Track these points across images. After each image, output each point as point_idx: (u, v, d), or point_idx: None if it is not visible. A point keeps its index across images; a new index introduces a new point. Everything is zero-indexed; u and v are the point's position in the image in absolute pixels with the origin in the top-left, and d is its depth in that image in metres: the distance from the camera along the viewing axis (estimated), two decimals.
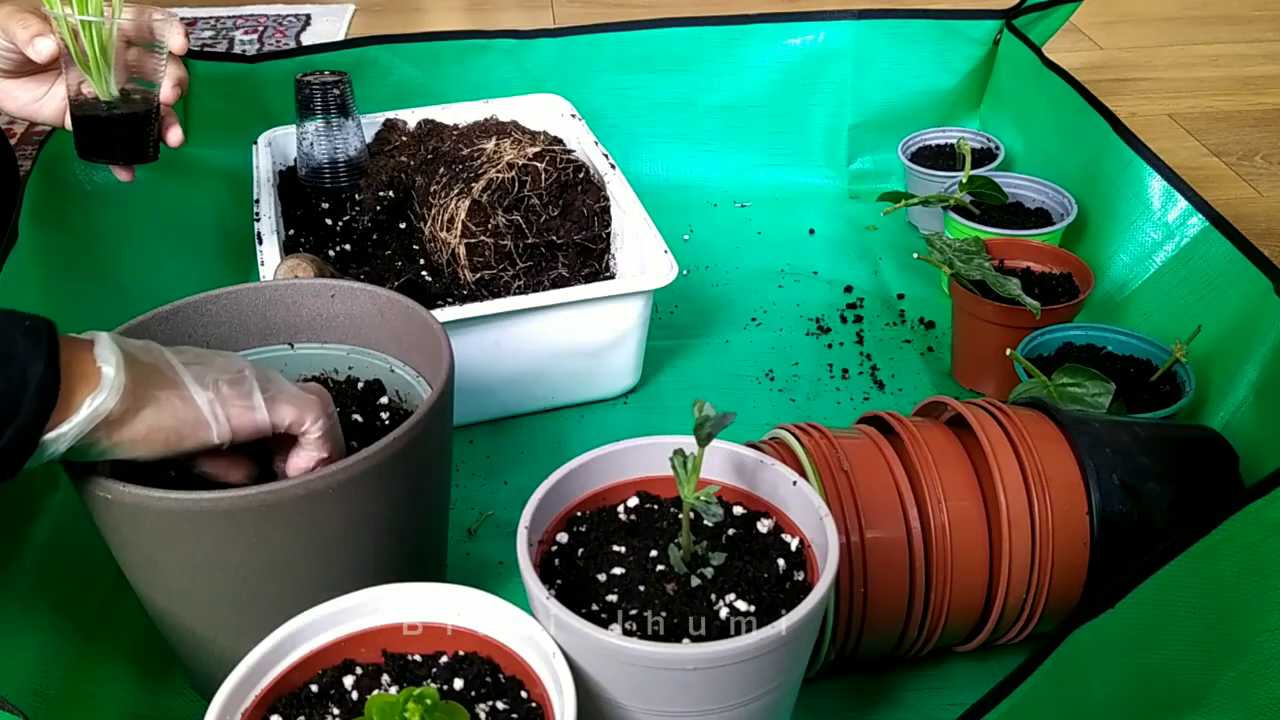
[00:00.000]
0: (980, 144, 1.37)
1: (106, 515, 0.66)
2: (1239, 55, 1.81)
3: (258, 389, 0.66)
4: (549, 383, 1.03)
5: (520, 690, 0.61)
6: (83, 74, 0.82)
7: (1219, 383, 0.95)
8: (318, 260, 0.96)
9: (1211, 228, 1.03)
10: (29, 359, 0.57)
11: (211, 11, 2.03)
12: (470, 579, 0.72)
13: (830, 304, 1.22)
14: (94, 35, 0.80)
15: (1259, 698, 0.55)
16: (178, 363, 0.65)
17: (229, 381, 0.65)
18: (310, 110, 1.15)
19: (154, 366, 0.63)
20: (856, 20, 1.41)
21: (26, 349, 0.57)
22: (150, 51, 0.84)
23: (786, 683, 0.63)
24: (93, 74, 0.82)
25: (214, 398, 0.64)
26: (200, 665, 0.74)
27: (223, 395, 0.64)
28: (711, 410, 0.61)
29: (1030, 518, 0.74)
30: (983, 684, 0.78)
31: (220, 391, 0.64)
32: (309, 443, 0.69)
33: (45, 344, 0.58)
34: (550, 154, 1.09)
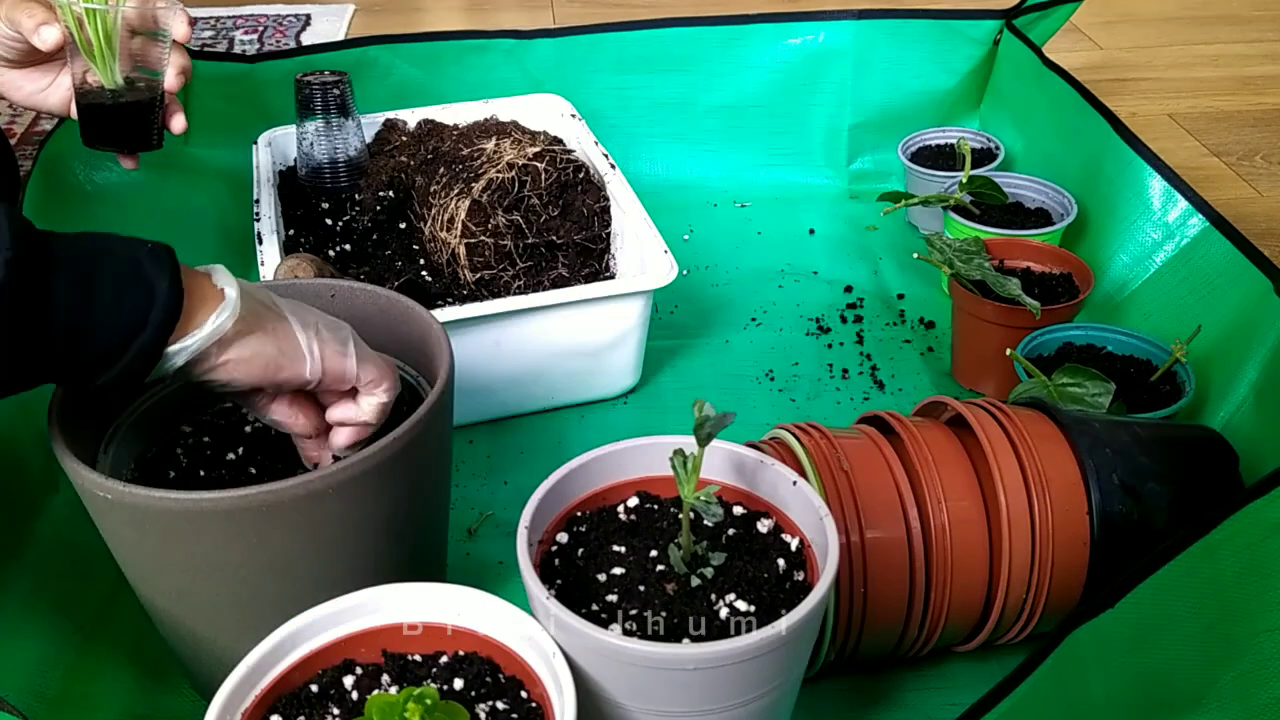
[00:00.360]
0: (980, 144, 1.37)
1: (107, 515, 0.66)
2: (1239, 55, 1.81)
3: (351, 340, 0.70)
4: (549, 383, 1.03)
5: (520, 690, 0.61)
6: (87, 62, 0.82)
7: (1219, 383, 0.95)
8: (318, 260, 0.96)
9: (1211, 228, 1.03)
10: (156, 277, 0.60)
11: (211, 11, 2.03)
12: (470, 579, 0.72)
13: (830, 304, 1.22)
14: (99, 23, 0.81)
15: (1259, 698, 0.55)
16: (283, 301, 0.69)
17: (327, 326, 0.69)
18: (310, 110, 1.15)
19: (263, 300, 0.67)
20: (856, 20, 1.41)
21: (152, 269, 0.60)
22: (154, 40, 0.84)
23: (786, 683, 0.63)
24: (97, 62, 0.82)
25: (314, 336, 0.68)
26: (200, 665, 0.74)
27: (321, 337, 0.68)
28: (711, 410, 0.61)
29: (1030, 518, 0.74)
30: (983, 684, 0.78)
31: (320, 334, 0.68)
32: (370, 405, 0.71)
33: (169, 265, 0.61)
34: (550, 154, 1.09)
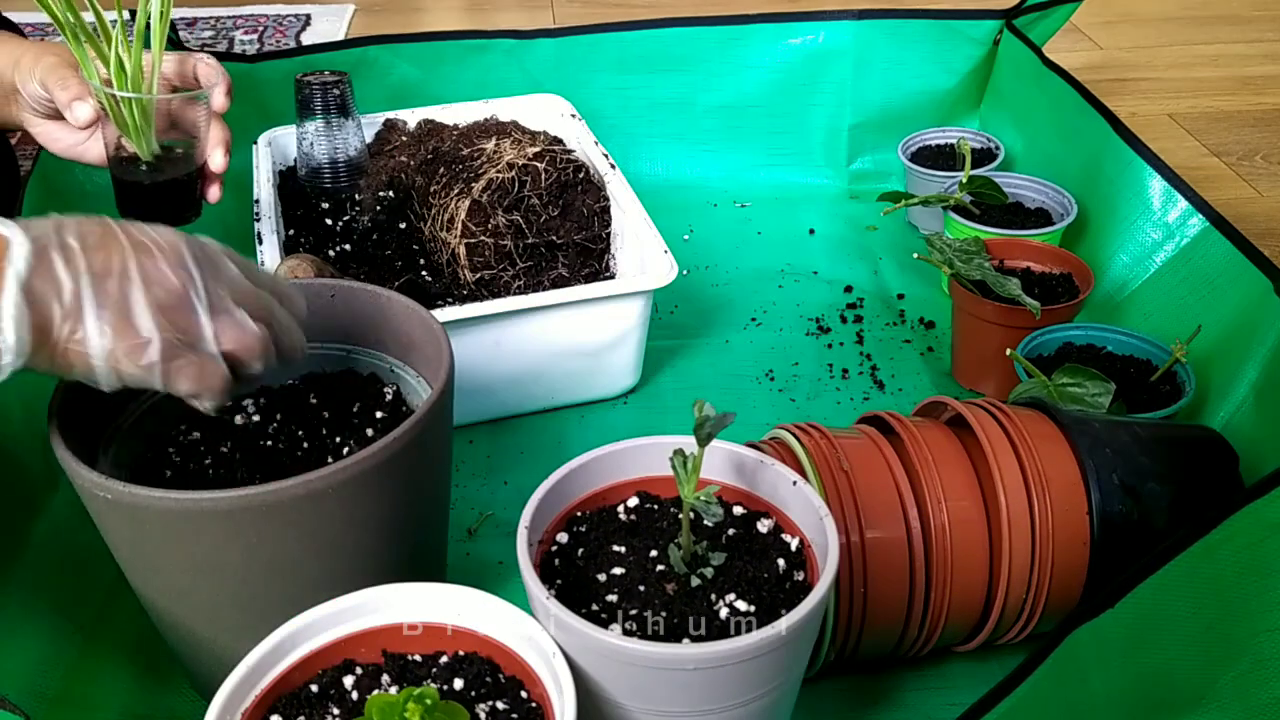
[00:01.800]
0: (980, 144, 1.37)
1: (107, 515, 0.66)
2: (1239, 55, 1.81)
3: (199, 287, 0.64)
4: (549, 383, 1.03)
5: (520, 690, 0.61)
6: (121, 132, 0.81)
7: (1219, 383, 0.95)
8: (318, 260, 0.96)
9: (1211, 228, 1.03)
10: None
11: (211, 11, 2.03)
12: (470, 579, 0.72)
13: (830, 304, 1.22)
14: (134, 106, 0.79)
15: (1259, 698, 0.55)
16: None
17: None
18: (310, 110, 1.15)
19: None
20: (856, 20, 1.41)
21: None
22: (193, 101, 0.83)
23: (786, 683, 0.63)
24: (132, 136, 0.81)
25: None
26: (200, 665, 0.74)
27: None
28: (711, 410, 0.61)
29: (1030, 518, 0.74)
30: (983, 684, 0.78)
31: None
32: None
33: None
34: (550, 154, 1.09)
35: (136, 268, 0.61)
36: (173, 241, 0.63)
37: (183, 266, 0.62)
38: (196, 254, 0.63)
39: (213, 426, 0.79)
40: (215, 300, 0.64)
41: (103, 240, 0.61)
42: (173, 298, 0.62)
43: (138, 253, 0.61)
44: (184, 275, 0.62)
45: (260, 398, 0.81)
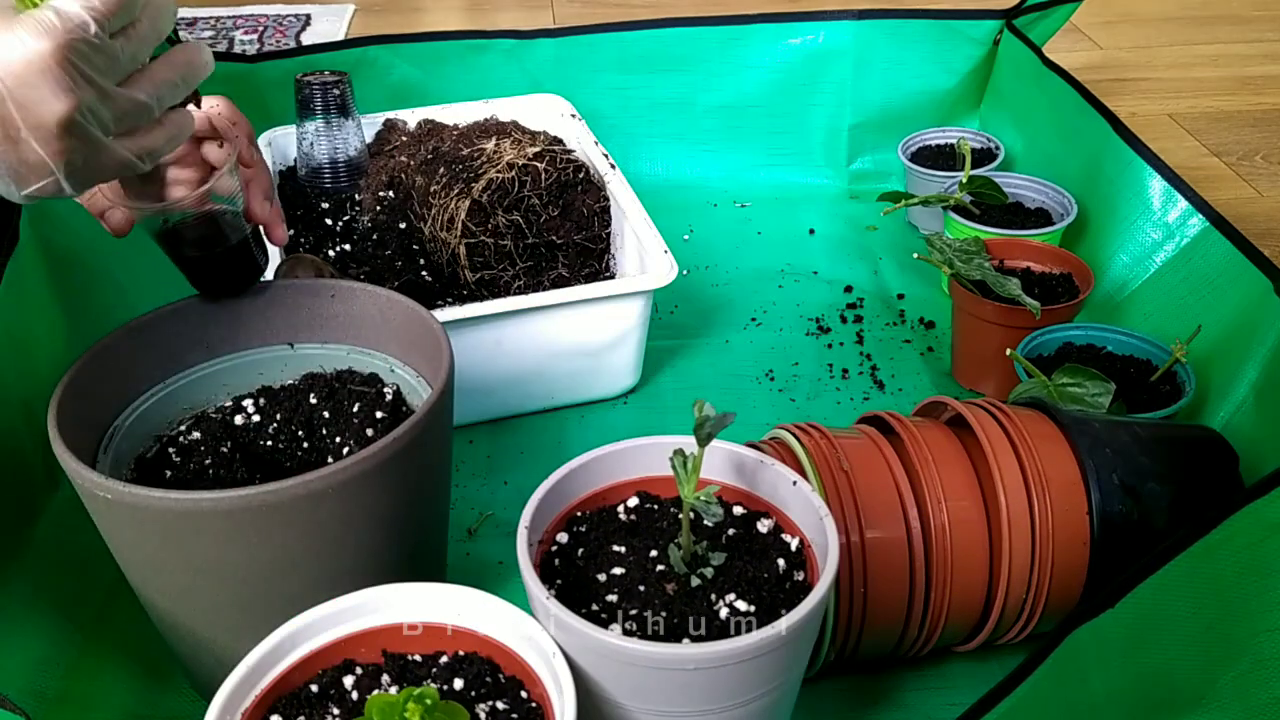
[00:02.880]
0: (980, 144, 1.37)
1: (106, 515, 0.66)
2: (1239, 55, 1.81)
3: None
4: (549, 383, 1.03)
5: (520, 690, 0.61)
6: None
7: (1219, 383, 0.95)
8: (318, 260, 0.96)
9: (1211, 228, 1.03)
10: None
11: (211, 11, 2.03)
12: (470, 579, 0.72)
13: (830, 304, 1.22)
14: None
15: (1259, 698, 0.55)
16: None
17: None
18: (310, 110, 1.15)
19: None
20: (856, 20, 1.41)
21: None
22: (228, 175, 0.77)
23: (786, 683, 0.63)
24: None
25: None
26: (200, 665, 0.74)
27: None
28: (711, 410, 0.61)
29: (1030, 518, 0.74)
30: (983, 684, 0.78)
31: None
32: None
33: None
34: (550, 154, 1.09)
35: (13, 107, 0.54)
36: (41, 57, 0.54)
37: (58, 88, 0.55)
38: (68, 56, 0.55)
39: (213, 426, 0.79)
40: (97, 97, 0.57)
41: None
42: (57, 128, 0.55)
43: (10, 85, 0.54)
44: (64, 99, 0.55)
45: (260, 398, 0.81)
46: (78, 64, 0.56)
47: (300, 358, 0.84)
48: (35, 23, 0.55)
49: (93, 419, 0.74)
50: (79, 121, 0.56)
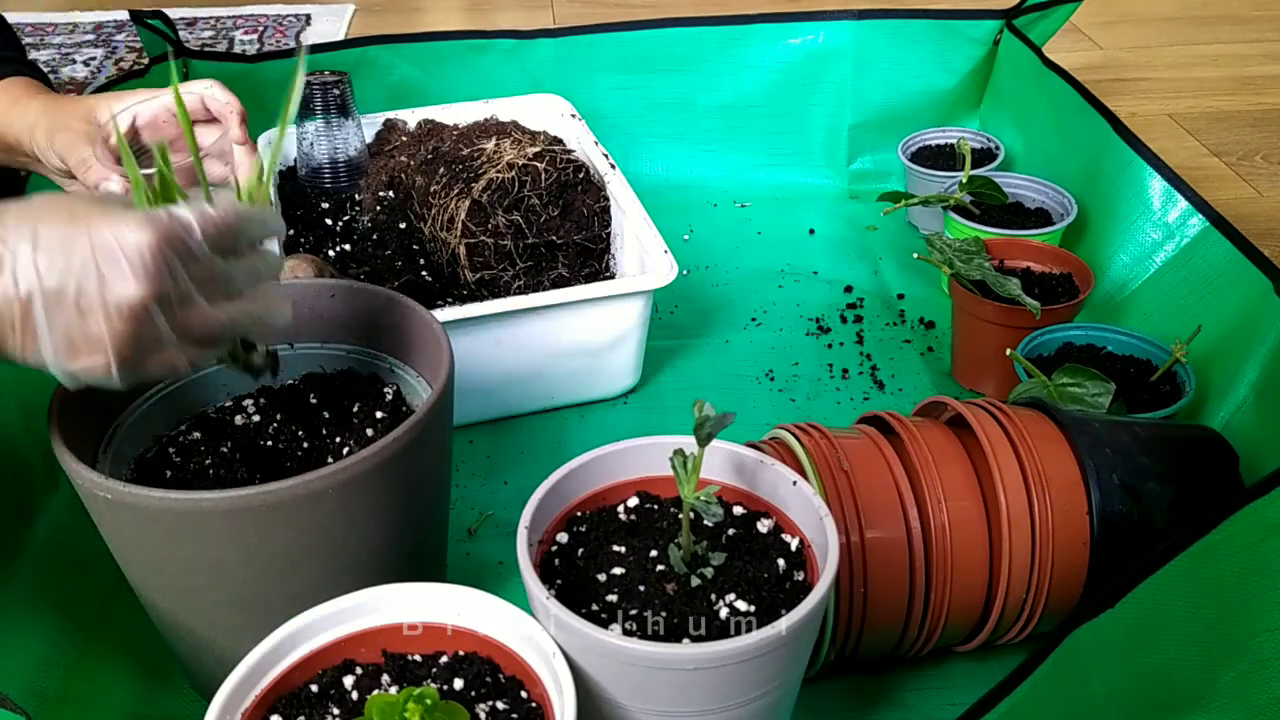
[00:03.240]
0: (980, 144, 1.37)
1: (107, 515, 0.66)
2: (1239, 55, 1.81)
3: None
4: (549, 383, 1.03)
5: (520, 690, 0.61)
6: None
7: (1219, 383, 0.95)
8: (318, 260, 0.96)
9: (1211, 228, 1.03)
10: None
11: (211, 11, 2.03)
12: (470, 579, 0.72)
13: (830, 304, 1.22)
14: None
15: (1259, 698, 0.55)
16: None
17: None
18: (310, 110, 1.15)
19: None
20: (856, 20, 1.41)
21: None
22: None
23: (786, 683, 0.63)
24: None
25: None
26: (200, 665, 0.74)
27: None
28: (711, 410, 0.61)
29: (1030, 518, 0.74)
30: (983, 684, 0.78)
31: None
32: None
33: None
34: (550, 154, 1.09)
35: (96, 281, 0.56)
36: (140, 244, 0.57)
37: (145, 275, 0.57)
38: (164, 253, 0.58)
39: (213, 426, 0.79)
40: (177, 297, 0.59)
41: (65, 244, 0.57)
42: (130, 312, 0.57)
43: (99, 259, 0.56)
44: (145, 284, 0.57)
45: (260, 398, 0.81)
46: (170, 260, 0.58)
47: (300, 358, 0.84)
48: (146, 215, 0.58)
49: (93, 419, 0.74)
50: (151, 311, 0.58)
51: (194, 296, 0.60)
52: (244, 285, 0.63)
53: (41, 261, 0.56)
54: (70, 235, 0.57)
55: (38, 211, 0.57)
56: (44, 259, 0.56)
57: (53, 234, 0.57)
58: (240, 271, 0.63)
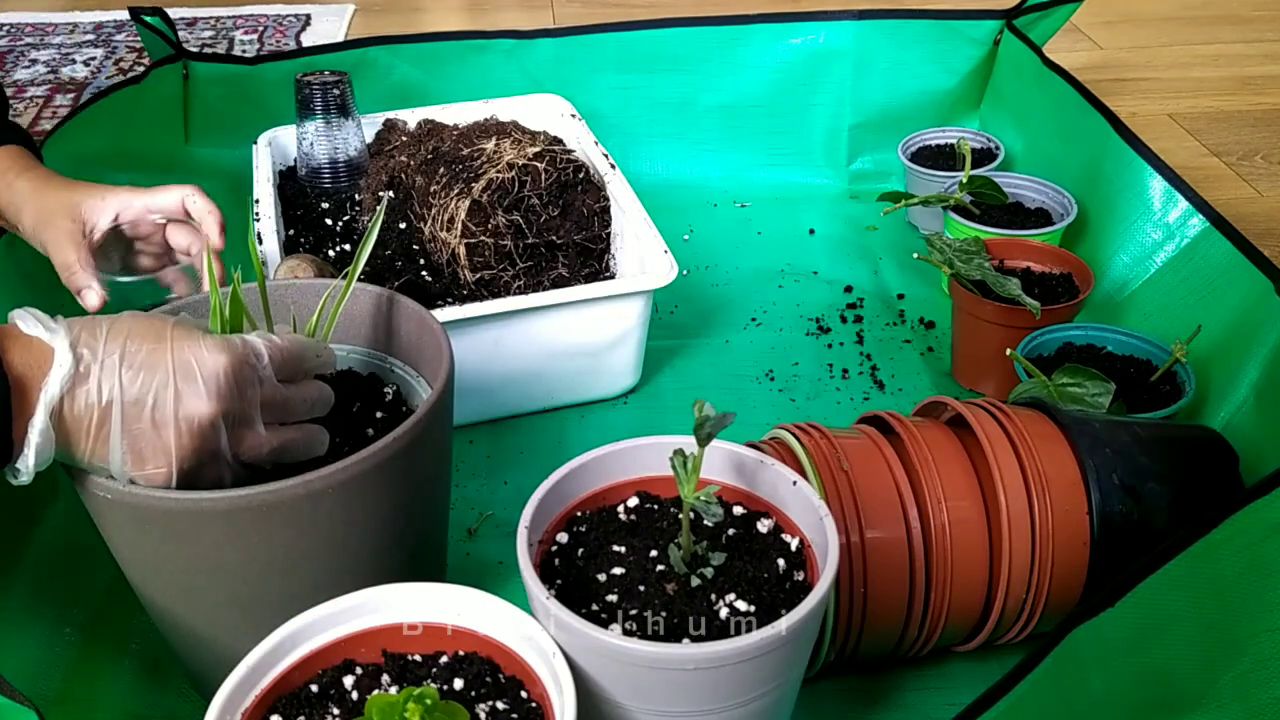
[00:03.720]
0: (980, 144, 1.37)
1: (107, 515, 0.66)
2: (1239, 55, 1.81)
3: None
4: (549, 383, 1.03)
5: (520, 690, 0.61)
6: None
7: (1219, 383, 0.95)
8: (318, 260, 0.96)
9: (1212, 228, 1.03)
10: None
11: (211, 11, 2.03)
12: (470, 579, 0.72)
13: (830, 304, 1.22)
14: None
15: (1259, 698, 0.55)
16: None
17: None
18: (310, 110, 1.15)
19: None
20: (856, 20, 1.41)
21: None
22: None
23: (786, 683, 0.63)
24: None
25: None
26: (200, 665, 0.74)
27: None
28: (711, 410, 0.61)
29: (1030, 518, 0.74)
30: (983, 684, 0.77)
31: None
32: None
33: None
34: (550, 154, 1.09)
35: (173, 396, 0.61)
36: (216, 366, 0.62)
37: (217, 394, 0.62)
38: (236, 375, 0.63)
39: None
40: (240, 418, 0.65)
41: (149, 360, 0.61)
42: (199, 427, 0.62)
43: (178, 377, 0.62)
44: (216, 403, 0.62)
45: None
46: (240, 383, 0.64)
47: None
48: (223, 339, 0.64)
49: None
50: (218, 428, 0.63)
51: (255, 418, 0.65)
52: (300, 413, 0.69)
53: (126, 375, 0.61)
54: (155, 352, 0.61)
55: (128, 326, 0.62)
56: (128, 373, 0.61)
57: (139, 350, 0.61)
58: (296, 399, 0.68)
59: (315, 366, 0.71)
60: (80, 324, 0.62)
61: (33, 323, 0.61)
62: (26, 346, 0.60)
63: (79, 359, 0.60)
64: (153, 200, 0.88)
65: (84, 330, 0.61)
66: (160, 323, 0.63)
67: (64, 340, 0.60)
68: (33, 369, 0.59)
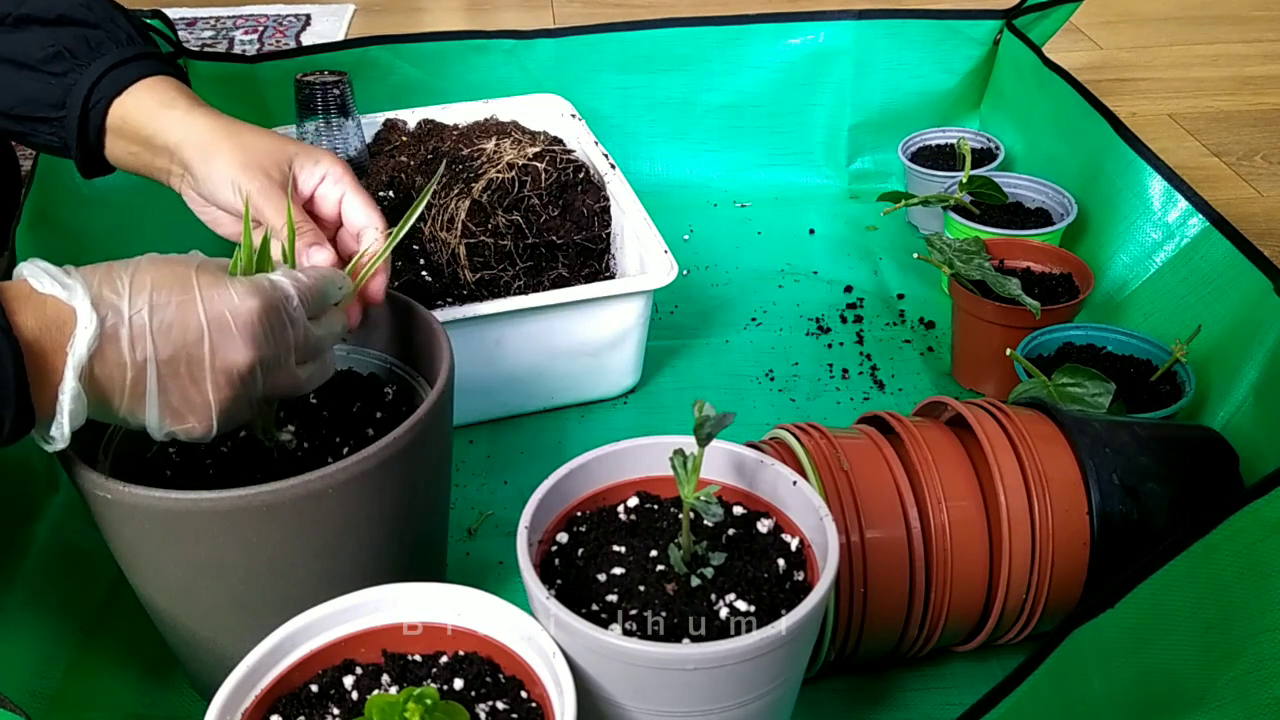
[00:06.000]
0: (980, 144, 1.37)
1: (107, 515, 0.66)
2: (1239, 55, 1.81)
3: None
4: (549, 383, 1.03)
5: (520, 690, 0.61)
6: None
7: (1219, 383, 0.95)
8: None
9: (1212, 228, 1.03)
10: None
11: (211, 11, 2.03)
12: (470, 579, 0.72)
13: (830, 304, 1.22)
14: None
15: (1259, 698, 0.55)
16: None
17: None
18: (310, 110, 1.15)
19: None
20: (856, 20, 1.41)
21: None
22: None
23: (786, 683, 0.63)
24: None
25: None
26: (200, 665, 0.74)
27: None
28: (711, 410, 0.61)
29: (1030, 518, 0.74)
30: (983, 684, 0.78)
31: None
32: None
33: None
34: (550, 154, 1.09)
35: (208, 350, 0.60)
36: (249, 312, 0.61)
37: (252, 341, 0.61)
38: (270, 320, 0.62)
39: None
40: (275, 362, 0.64)
41: (179, 314, 0.59)
42: (237, 377, 0.61)
43: (211, 330, 0.60)
44: (254, 351, 0.61)
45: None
46: (273, 326, 0.62)
47: None
48: (251, 283, 0.62)
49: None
50: (255, 375, 0.62)
51: (289, 360, 0.64)
52: (326, 347, 0.69)
53: (158, 333, 0.59)
54: (185, 305, 0.59)
55: (150, 276, 0.59)
56: (160, 330, 0.59)
57: (168, 303, 0.59)
58: (324, 334, 0.68)
59: (336, 298, 0.70)
60: (98, 276, 0.58)
61: (47, 280, 0.57)
62: (40, 306, 0.56)
63: (103, 319, 0.57)
64: (349, 201, 0.78)
65: (104, 284, 0.58)
66: (184, 268, 0.61)
67: (84, 298, 0.57)
68: (51, 331, 0.56)
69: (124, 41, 0.78)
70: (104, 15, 0.79)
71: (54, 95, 0.76)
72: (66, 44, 0.76)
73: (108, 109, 0.77)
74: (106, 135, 0.78)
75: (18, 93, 0.77)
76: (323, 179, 0.78)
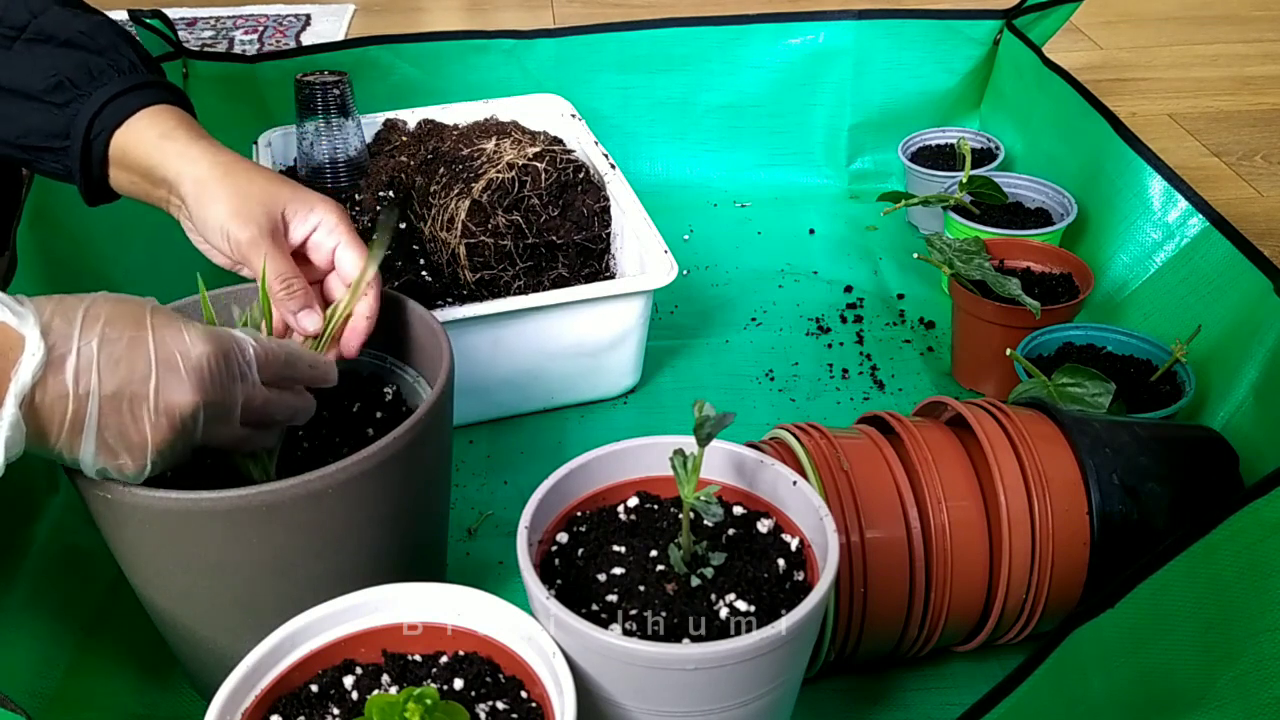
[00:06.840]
0: (980, 144, 1.37)
1: (107, 515, 0.66)
2: (1239, 55, 1.81)
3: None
4: (549, 383, 1.03)
5: (520, 690, 0.61)
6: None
7: (1219, 383, 0.95)
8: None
9: (1212, 228, 1.03)
10: None
11: (211, 11, 2.03)
12: (470, 579, 0.72)
13: (830, 304, 1.22)
14: None
15: (1259, 698, 0.55)
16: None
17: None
18: (310, 110, 1.15)
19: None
20: (856, 20, 1.41)
21: None
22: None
23: (786, 683, 0.63)
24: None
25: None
26: (200, 665, 0.74)
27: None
28: (711, 410, 0.61)
29: (1030, 518, 0.74)
30: (983, 684, 0.78)
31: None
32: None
33: None
34: (550, 154, 1.09)
35: (153, 388, 0.59)
36: (201, 356, 0.61)
37: (199, 385, 0.60)
38: (220, 367, 0.62)
39: None
40: (219, 413, 0.63)
41: (128, 351, 0.59)
42: (178, 419, 0.60)
43: (159, 368, 0.59)
44: (199, 394, 0.61)
45: None
46: (222, 376, 0.62)
47: None
48: (210, 330, 0.62)
49: None
50: (197, 420, 0.61)
51: (234, 415, 0.64)
52: (278, 419, 0.68)
53: (105, 366, 0.58)
54: (136, 341, 0.59)
55: (105, 311, 0.59)
56: (107, 364, 0.58)
57: (119, 337, 0.59)
58: (278, 404, 0.67)
59: (308, 378, 0.70)
60: (52, 306, 0.58)
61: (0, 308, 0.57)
62: None
63: (51, 347, 0.56)
64: (342, 254, 0.77)
65: (56, 314, 0.58)
66: (139, 307, 0.61)
67: (34, 326, 0.56)
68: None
69: (126, 69, 0.77)
70: (108, 42, 0.78)
71: (57, 125, 0.76)
72: (68, 73, 0.76)
73: (109, 140, 0.77)
74: (109, 165, 0.78)
75: (23, 123, 0.77)
76: (315, 227, 0.77)
